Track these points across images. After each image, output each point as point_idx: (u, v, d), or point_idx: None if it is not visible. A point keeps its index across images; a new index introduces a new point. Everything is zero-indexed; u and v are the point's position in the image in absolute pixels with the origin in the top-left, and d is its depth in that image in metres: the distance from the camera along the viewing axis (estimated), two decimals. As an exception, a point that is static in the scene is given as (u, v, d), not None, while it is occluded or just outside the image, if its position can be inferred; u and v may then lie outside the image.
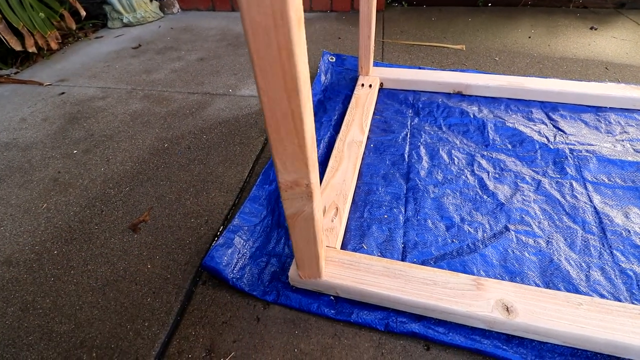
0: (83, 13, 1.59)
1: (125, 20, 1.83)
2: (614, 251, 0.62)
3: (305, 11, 1.86)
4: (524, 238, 0.65)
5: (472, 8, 1.76)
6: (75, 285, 0.64)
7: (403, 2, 1.81)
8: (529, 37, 1.44)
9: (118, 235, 0.72)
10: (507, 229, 0.67)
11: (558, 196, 0.73)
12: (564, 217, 0.69)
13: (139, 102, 1.18)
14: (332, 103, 1.05)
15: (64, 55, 1.56)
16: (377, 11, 1.76)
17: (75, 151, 0.97)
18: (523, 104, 1.02)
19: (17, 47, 1.28)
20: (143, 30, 1.78)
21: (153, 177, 0.86)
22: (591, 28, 1.49)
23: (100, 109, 1.15)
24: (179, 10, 2.01)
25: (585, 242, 0.64)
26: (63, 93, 1.26)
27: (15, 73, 1.42)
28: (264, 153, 0.92)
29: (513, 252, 0.63)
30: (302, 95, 0.30)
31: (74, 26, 1.60)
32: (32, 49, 1.33)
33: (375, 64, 1.24)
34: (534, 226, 0.67)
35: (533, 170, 0.79)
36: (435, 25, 1.59)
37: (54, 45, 1.47)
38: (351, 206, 0.73)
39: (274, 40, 0.26)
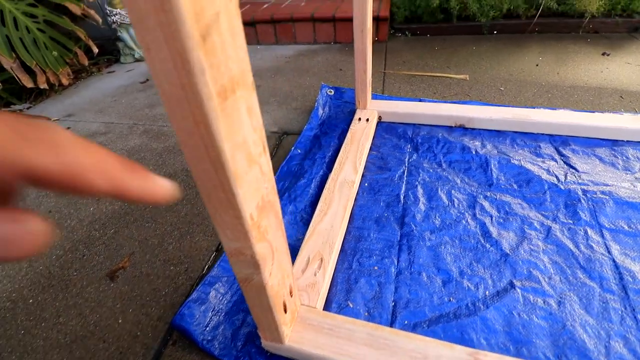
0: (95, 50, 1.66)
1: (137, 56, 1.90)
2: (639, 316, 0.54)
3: (309, 43, 1.88)
4: (532, 297, 0.58)
5: (477, 36, 1.74)
6: (43, 341, 0.60)
7: (406, 33, 1.81)
8: (537, 65, 1.39)
9: (95, 283, 0.69)
10: (512, 285, 0.60)
11: (571, 246, 0.65)
12: (579, 272, 0.61)
13: (138, 137, 1.19)
14: (328, 138, 1.02)
15: (75, 90, 1.62)
16: (380, 42, 1.77)
17: (68, 189, 0.96)
18: (530, 138, 0.96)
19: (29, 84, 1.33)
20: (152, 65, 1.84)
21: (139, 218, 0.83)
22: (603, 54, 1.43)
23: (100, 145, 1.16)
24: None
25: (603, 303, 0.56)
26: (68, 128, 1.29)
27: (28, 108, 1.47)
28: (254, 192, 0.88)
29: (519, 315, 0.55)
30: (231, 167, 0.26)
31: (86, 62, 1.66)
32: (43, 86, 1.38)
33: (374, 97, 1.21)
34: (543, 283, 0.60)
35: (542, 215, 0.72)
36: (439, 55, 1.56)
37: (65, 81, 1.52)
38: (339, 254, 0.68)
39: (189, 113, 0.23)
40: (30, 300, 0.67)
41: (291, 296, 0.48)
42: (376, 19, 1.71)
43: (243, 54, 0.25)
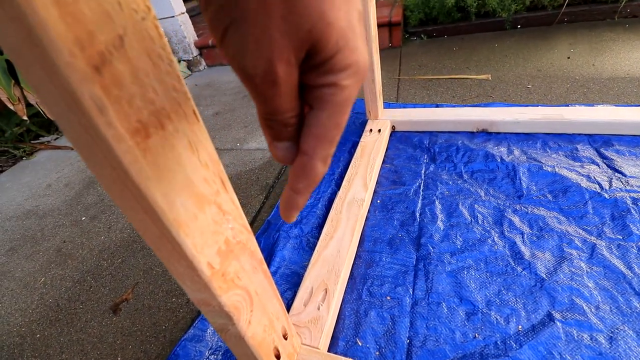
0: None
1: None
2: None
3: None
4: (575, 332, 0.48)
5: (498, 33, 1.63)
6: (46, 380, 0.59)
7: (422, 36, 1.74)
8: (568, 58, 1.27)
9: (98, 317, 0.67)
10: (550, 318, 0.51)
11: (622, 267, 0.55)
12: (633, 299, 0.51)
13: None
14: (338, 153, 0.97)
15: (99, 119, 1.69)
16: (394, 47, 1.71)
17: (83, 218, 0.98)
18: (565, 140, 0.85)
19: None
20: (170, 89, 1.90)
21: (146, 246, 0.82)
22: (647, 40, 1.28)
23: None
24: (205, 67, 2.13)
25: (671, 341, 0.46)
26: (89, 156, 1.33)
27: (55, 139, 1.55)
28: (261, 214, 0.85)
29: (560, 356, 0.46)
30: (170, 216, 0.22)
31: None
32: (68, 117, 1.46)
33: (387, 105, 1.15)
34: (589, 314, 0.50)
35: (584, 230, 0.62)
36: (457, 56, 1.47)
37: (89, 111, 1.60)
38: (348, 282, 0.61)
39: (102, 159, 0.19)
40: (38, 335, 0.67)
41: (286, 339, 0.43)
42: (389, 25, 1.66)
43: (174, 80, 0.21)
